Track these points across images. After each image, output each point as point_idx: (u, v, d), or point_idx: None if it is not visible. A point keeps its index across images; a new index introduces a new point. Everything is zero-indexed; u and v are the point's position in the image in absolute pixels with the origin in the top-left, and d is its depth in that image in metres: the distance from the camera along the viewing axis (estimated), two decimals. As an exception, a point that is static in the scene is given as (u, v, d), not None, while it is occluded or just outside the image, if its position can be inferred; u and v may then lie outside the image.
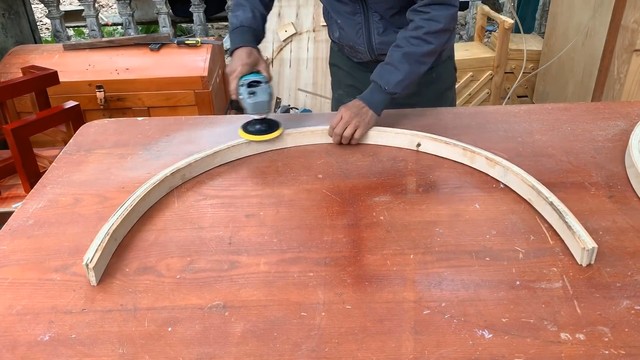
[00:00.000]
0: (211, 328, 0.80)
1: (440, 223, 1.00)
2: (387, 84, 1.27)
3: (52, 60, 2.71)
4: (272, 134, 1.24)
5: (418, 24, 1.26)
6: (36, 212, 1.08)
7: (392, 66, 1.27)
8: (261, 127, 1.24)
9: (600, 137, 1.27)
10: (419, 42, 1.26)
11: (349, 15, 1.41)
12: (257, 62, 1.28)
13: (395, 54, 1.27)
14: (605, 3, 2.54)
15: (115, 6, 5.60)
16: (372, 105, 1.28)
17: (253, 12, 1.34)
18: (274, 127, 1.26)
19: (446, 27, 1.26)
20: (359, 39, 1.44)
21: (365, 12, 1.39)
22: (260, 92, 1.21)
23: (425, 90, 1.53)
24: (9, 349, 0.78)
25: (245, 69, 1.24)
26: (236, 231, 1.01)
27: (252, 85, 1.22)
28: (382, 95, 1.28)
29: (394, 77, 1.26)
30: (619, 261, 0.90)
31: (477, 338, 0.77)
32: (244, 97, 1.21)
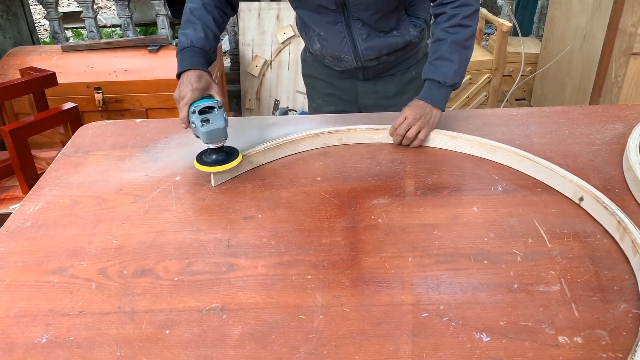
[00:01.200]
0: (209, 331, 0.80)
1: (439, 226, 1.01)
2: (446, 78, 1.26)
3: (50, 62, 2.71)
4: (231, 163, 1.13)
5: (452, 13, 1.27)
6: (34, 214, 1.08)
7: (444, 59, 1.27)
8: (218, 157, 1.13)
9: (598, 141, 1.28)
10: (459, 28, 1.27)
11: (331, 25, 1.40)
12: (209, 86, 1.18)
13: (442, 47, 1.27)
14: (603, 6, 2.55)
15: (114, 8, 5.60)
16: (436, 103, 1.27)
17: (205, 32, 1.25)
18: (232, 155, 1.15)
19: (477, 7, 1.29)
20: (343, 47, 1.43)
21: (347, 20, 1.38)
22: (214, 118, 1.10)
23: (409, 88, 1.54)
24: (6, 351, 0.77)
25: (196, 95, 1.15)
26: (234, 234, 1.01)
27: (204, 111, 1.12)
28: (443, 90, 1.28)
29: (450, 69, 1.26)
30: (617, 265, 0.90)
31: (475, 341, 0.77)
32: (197, 125, 1.10)
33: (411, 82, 1.54)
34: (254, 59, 3.40)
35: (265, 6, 3.38)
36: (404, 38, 1.44)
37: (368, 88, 1.57)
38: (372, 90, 1.56)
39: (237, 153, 1.16)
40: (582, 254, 0.93)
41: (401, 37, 1.43)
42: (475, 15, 1.29)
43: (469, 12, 1.27)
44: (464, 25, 1.27)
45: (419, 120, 1.24)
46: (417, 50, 1.54)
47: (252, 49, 3.41)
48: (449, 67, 1.26)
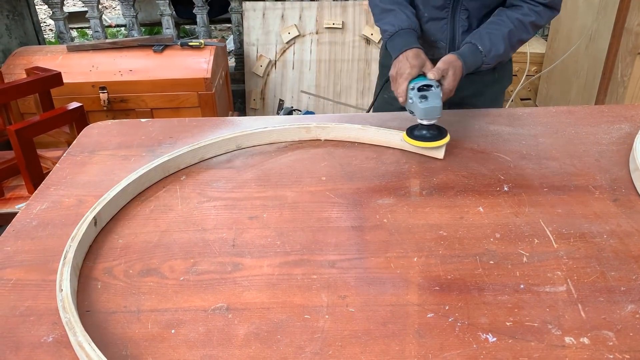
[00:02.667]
0: (214, 330, 0.80)
1: (444, 226, 1.00)
2: (488, 52, 1.27)
3: (55, 62, 2.72)
4: (441, 141, 1.17)
5: (527, 12, 1.28)
6: (40, 213, 1.08)
7: (497, 38, 1.27)
8: (431, 133, 1.18)
9: (604, 141, 1.27)
10: (523, 27, 1.28)
11: (437, 9, 1.39)
12: (424, 63, 1.22)
13: (502, 28, 1.28)
14: (609, 6, 2.54)
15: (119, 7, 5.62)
16: (467, 65, 1.25)
17: (406, 13, 1.31)
18: (442, 133, 1.19)
19: (542, 26, 1.31)
20: (442, 34, 1.42)
21: (454, 8, 1.37)
22: (431, 96, 1.14)
23: (487, 90, 1.53)
24: (12, 350, 0.78)
25: (415, 71, 1.19)
26: (239, 233, 1.01)
27: (422, 89, 1.16)
28: (478, 60, 1.28)
29: (495, 49, 1.27)
30: (624, 265, 0.89)
31: (481, 342, 0.76)
32: (414, 101, 1.15)
33: (492, 84, 1.52)
34: (259, 59, 3.41)
35: (270, 6, 3.38)
36: None
37: None
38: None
39: (445, 132, 1.19)
40: (588, 254, 0.92)
41: None
42: (536, 31, 1.31)
43: (538, 23, 1.29)
44: (528, 29, 1.29)
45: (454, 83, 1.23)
46: None
47: (257, 49, 3.42)
48: (496, 47, 1.27)
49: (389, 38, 1.30)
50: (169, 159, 1.17)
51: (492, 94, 1.54)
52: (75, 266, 0.90)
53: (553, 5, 1.31)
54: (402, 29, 1.29)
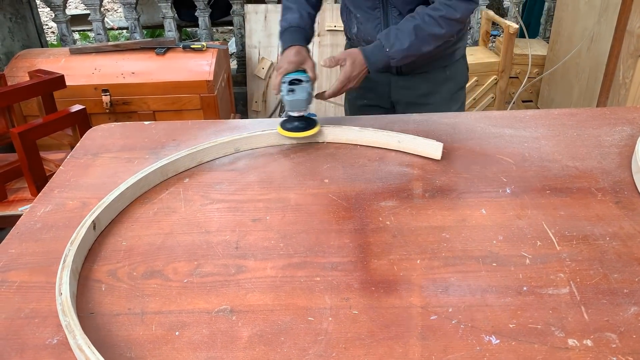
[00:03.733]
0: (218, 332, 0.80)
1: (447, 228, 1.01)
2: (390, 47, 1.32)
3: (58, 64, 2.73)
4: (309, 130, 1.27)
5: (437, 7, 1.31)
6: (44, 216, 1.08)
7: (402, 33, 1.31)
8: (299, 125, 1.27)
9: (606, 143, 1.27)
10: (433, 22, 1.30)
11: (369, 9, 1.44)
12: (304, 61, 1.32)
13: (408, 24, 1.32)
14: (611, 8, 2.54)
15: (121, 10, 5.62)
16: (370, 61, 1.33)
17: (300, 13, 1.40)
18: (311, 124, 1.28)
19: (461, 19, 1.31)
20: (377, 33, 1.44)
21: (385, 7, 1.42)
22: (299, 90, 1.26)
23: (440, 89, 1.55)
24: (17, 352, 0.78)
25: (291, 67, 1.30)
26: (243, 235, 1.01)
27: (293, 83, 1.27)
28: (383, 56, 1.33)
29: (399, 44, 1.32)
30: (627, 267, 0.90)
31: (484, 344, 0.77)
32: (283, 93, 1.27)
33: (445, 82, 1.55)
34: (261, 61, 3.41)
35: (272, 9, 3.39)
36: None
37: (402, 83, 1.58)
38: (405, 86, 1.57)
39: (315, 123, 1.29)
40: (591, 256, 0.92)
41: None
42: (454, 24, 1.32)
43: (450, 17, 1.30)
44: (438, 23, 1.30)
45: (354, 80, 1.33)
46: (453, 51, 1.55)
47: (259, 51, 3.42)
48: (400, 43, 1.31)
49: (281, 34, 1.40)
50: (168, 163, 1.18)
51: (446, 93, 1.57)
52: (75, 270, 0.90)
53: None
54: (292, 27, 1.39)
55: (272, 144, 1.31)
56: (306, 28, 1.41)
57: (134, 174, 1.18)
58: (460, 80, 1.62)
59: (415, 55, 1.34)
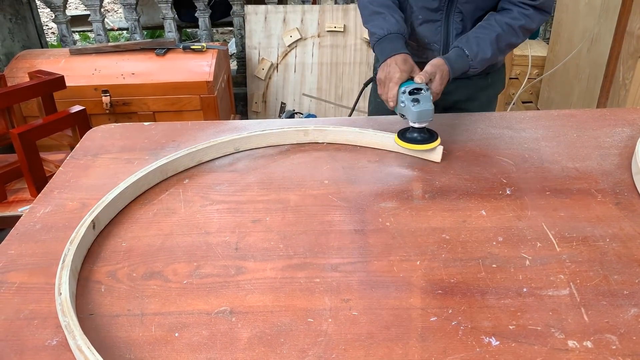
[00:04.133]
0: (218, 334, 0.80)
1: (447, 229, 1.00)
2: (474, 56, 1.28)
3: (58, 65, 2.73)
4: (432, 143, 1.20)
5: (516, 16, 1.28)
6: (43, 217, 1.08)
7: (484, 42, 1.27)
8: (419, 136, 1.20)
9: (606, 144, 1.27)
10: (512, 31, 1.28)
11: (432, 11, 1.39)
12: (413, 68, 1.25)
13: (490, 32, 1.28)
14: (611, 9, 2.55)
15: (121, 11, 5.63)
16: (454, 69, 1.27)
17: (395, 18, 1.32)
18: (433, 136, 1.21)
19: (534, 30, 1.30)
20: (435, 36, 1.43)
21: (448, 10, 1.38)
22: (423, 99, 1.17)
23: (479, 95, 1.53)
24: (16, 353, 0.78)
25: (404, 76, 1.22)
26: (242, 237, 1.01)
27: (413, 92, 1.19)
28: (465, 64, 1.28)
29: (482, 54, 1.28)
30: (627, 269, 0.90)
31: (484, 345, 0.77)
32: (407, 105, 1.17)
33: (485, 89, 1.53)
34: (261, 62, 3.41)
35: (272, 9, 3.39)
36: None
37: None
38: (445, 92, 1.53)
39: (436, 135, 1.22)
40: (591, 258, 0.92)
41: None
42: (528, 34, 1.30)
43: (528, 27, 1.28)
44: (518, 33, 1.28)
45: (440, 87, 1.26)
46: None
47: (259, 52, 3.42)
48: (483, 51, 1.27)
49: (377, 41, 1.31)
50: (167, 162, 1.18)
51: (485, 99, 1.55)
52: (74, 270, 0.90)
53: (544, 7, 1.30)
54: (391, 33, 1.30)
55: (272, 143, 1.31)
56: (405, 35, 1.32)
57: (133, 175, 1.18)
58: (498, 88, 1.59)
59: (492, 63, 1.31)
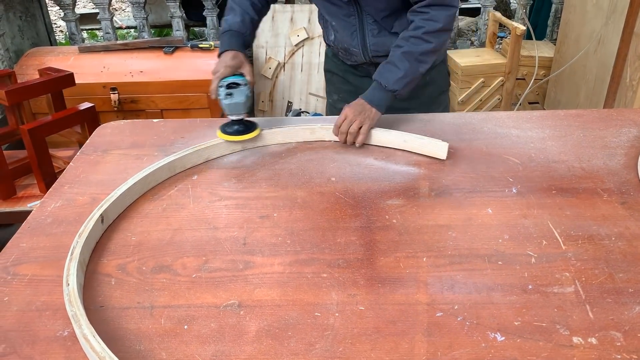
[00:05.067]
0: (226, 326, 0.81)
1: (453, 227, 1.01)
2: (387, 82, 1.30)
3: (67, 62, 2.75)
4: (249, 134, 1.28)
5: (417, 24, 1.29)
6: (54, 211, 1.10)
7: (392, 65, 1.30)
8: (239, 128, 1.28)
9: (612, 144, 1.28)
10: (418, 41, 1.29)
11: (344, 17, 1.43)
12: (241, 64, 1.32)
13: (395, 53, 1.30)
14: (618, 10, 2.54)
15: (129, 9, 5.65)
16: (374, 103, 1.30)
17: (242, 17, 1.38)
18: (251, 127, 1.29)
19: (445, 27, 1.30)
20: (353, 40, 1.46)
21: (360, 15, 1.41)
22: (237, 93, 1.25)
23: (419, 93, 1.55)
24: (29, 343, 0.79)
25: (228, 71, 1.29)
26: (250, 232, 1.02)
27: (230, 86, 1.27)
28: (383, 94, 1.31)
29: (394, 75, 1.29)
30: (632, 267, 0.90)
31: (489, 340, 0.77)
32: (222, 97, 1.26)
33: (425, 86, 1.54)
34: (268, 61, 3.42)
35: (280, 9, 3.40)
36: None
37: None
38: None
39: (255, 126, 1.30)
40: (596, 256, 0.93)
41: None
42: (440, 34, 1.30)
43: (433, 29, 1.28)
44: (424, 39, 1.28)
45: (359, 116, 1.28)
46: None
47: (266, 51, 3.43)
48: (394, 73, 1.29)
49: (220, 35, 1.38)
50: (175, 159, 1.20)
51: (427, 97, 1.56)
52: (82, 262, 0.92)
53: (441, 2, 1.28)
54: (232, 30, 1.36)
55: (280, 141, 1.32)
56: (246, 34, 1.38)
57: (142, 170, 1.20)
58: (441, 85, 1.61)
59: (417, 78, 1.32)
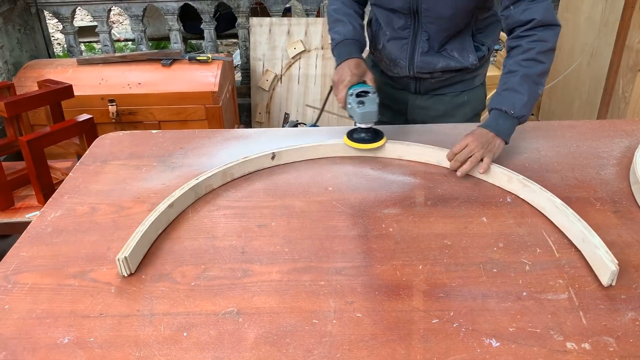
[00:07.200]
0: (225, 334, 0.82)
1: (449, 235, 1.03)
2: (513, 108, 1.22)
3: (66, 75, 2.77)
4: (377, 142, 1.29)
5: (527, 47, 1.24)
6: (54, 220, 1.11)
7: (514, 90, 1.24)
8: (366, 136, 1.29)
9: (605, 154, 1.30)
10: (533, 63, 1.24)
11: (399, 29, 1.44)
12: (365, 73, 1.32)
13: (513, 78, 1.25)
14: (610, 23, 2.58)
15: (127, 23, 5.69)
16: (501, 133, 1.22)
17: (353, 25, 1.39)
18: (379, 136, 1.30)
19: (554, 46, 1.26)
20: (401, 53, 1.46)
21: (415, 29, 1.41)
22: (368, 102, 1.25)
23: (456, 112, 1.55)
24: (29, 351, 0.80)
25: (354, 79, 1.29)
26: (249, 241, 1.03)
27: (360, 95, 1.26)
28: (510, 121, 1.23)
29: (519, 100, 1.22)
30: (624, 274, 0.91)
31: (484, 346, 0.79)
32: (353, 106, 1.25)
33: (461, 106, 1.56)
34: (265, 73, 3.45)
35: (277, 22, 3.44)
36: (461, 62, 1.44)
37: (418, 103, 1.58)
38: (422, 106, 1.58)
39: (382, 135, 1.31)
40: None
41: (459, 60, 1.44)
42: (551, 54, 1.26)
43: (545, 49, 1.24)
44: (538, 60, 1.24)
45: (482, 149, 1.20)
46: (473, 77, 1.54)
47: (263, 64, 3.46)
48: (518, 98, 1.22)
49: (335, 46, 1.38)
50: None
51: (462, 117, 1.57)
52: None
53: (546, 23, 1.24)
54: (347, 39, 1.37)
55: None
56: (361, 40, 1.39)
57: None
58: (477, 107, 1.60)
59: (536, 100, 1.27)
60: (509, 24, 1.29)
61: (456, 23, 1.38)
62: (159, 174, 1.26)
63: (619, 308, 0.85)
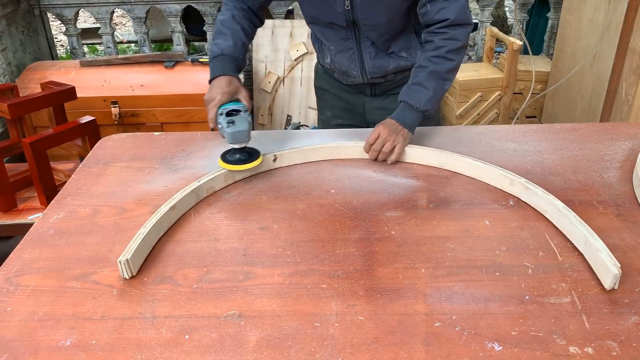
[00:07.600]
0: (227, 336, 0.82)
1: (451, 238, 1.03)
2: (418, 103, 1.30)
3: (69, 76, 2.78)
4: (252, 163, 1.21)
5: (439, 44, 1.30)
6: (56, 223, 1.11)
7: (420, 85, 1.30)
8: (241, 156, 1.22)
9: (608, 157, 1.30)
10: (442, 60, 1.30)
11: (341, 40, 1.45)
12: (237, 90, 1.29)
13: (421, 73, 1.31)
14: (613, 26, 2.58)
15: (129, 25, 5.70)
16: (407, 125, 1.30)
17: (234, 41, 1.34)
18: (254, 155, 1.23)
19: (465, 44, 1.32)
20: (351, 63, 1.48)
21: (357, 38, 1.43)
22: (239, 121, 1.19)
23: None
24: (31, 353, 0.80)
25: (225, 98, 1.25)
26: (251, 243, 1.03)
27: (231, 114, 1.22)
28: (415, 114, 1.31)
29: (424, 95, 1.30)
30: (627, 278, 0.91)
31: (487, 350, 0.78)
32: (223, 125, 1.20)
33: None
34: (267, 75, 3.46)
35: (279, 24, 3.44)
36: (410, 60, 1.47)
37: (376, 104, 1.61)
38: (380, 107, 1.60)
39: (258, 154, 1.24)
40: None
41: (408, 58, 1.48)
42: (461, 51, 1.32)
43: (455, 47, 1.30)
44: (448, 58, 1.30)
45: (392, 136, 1.27)
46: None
47: (266, 66, 3.47)
48: (424, 94, 1.29)
49: (211, 60, 1.34)
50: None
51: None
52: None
53: (460, 22, 1.29)
54: (224, 55, 1.33)
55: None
56: (239, 58, 1.35)
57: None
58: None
59: (442, 96, 1.34)
60: (425, 21, 1.34)
61: (395, 26, 1.40)
62: (161, 176, 1.26)
63: (622, 312, 0.85)
